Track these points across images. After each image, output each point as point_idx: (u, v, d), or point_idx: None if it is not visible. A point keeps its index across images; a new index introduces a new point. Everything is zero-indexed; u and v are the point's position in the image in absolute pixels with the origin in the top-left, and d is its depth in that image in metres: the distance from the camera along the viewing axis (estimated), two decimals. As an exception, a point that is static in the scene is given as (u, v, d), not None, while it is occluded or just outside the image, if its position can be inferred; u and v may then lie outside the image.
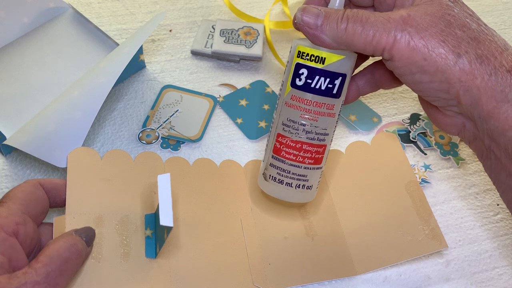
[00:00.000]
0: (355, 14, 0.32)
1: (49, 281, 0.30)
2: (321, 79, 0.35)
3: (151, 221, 0.38)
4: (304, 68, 0.35)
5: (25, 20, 0.50)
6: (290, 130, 0.37)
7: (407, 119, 0.51)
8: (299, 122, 0.36)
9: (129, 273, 0.36)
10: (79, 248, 0.33)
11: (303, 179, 0.38)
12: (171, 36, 0.56)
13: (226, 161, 0.45)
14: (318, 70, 0.35)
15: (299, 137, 0.36)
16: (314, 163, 0.37)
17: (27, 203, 0.35)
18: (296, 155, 0.37)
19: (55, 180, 0.38)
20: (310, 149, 0.37)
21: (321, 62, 0.34)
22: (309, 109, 0.36)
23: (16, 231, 0.32)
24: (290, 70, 0.36)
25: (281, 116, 0.37)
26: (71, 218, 0.37)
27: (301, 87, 0.35)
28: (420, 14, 0.31)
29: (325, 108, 0.36)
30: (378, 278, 0.40)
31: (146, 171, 0.41)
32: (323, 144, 0.37)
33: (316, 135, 0.36)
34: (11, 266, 0.31)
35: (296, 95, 0.36)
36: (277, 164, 0.38)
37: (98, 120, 0.48)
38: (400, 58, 0.31)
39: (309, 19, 0.33)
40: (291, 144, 0.37)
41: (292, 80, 0.36)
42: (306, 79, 0.35)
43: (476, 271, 0.41)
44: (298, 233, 0.42)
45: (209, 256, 0.39)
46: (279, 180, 0.38)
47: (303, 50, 0.35)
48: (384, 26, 0.31)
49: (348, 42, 0.32)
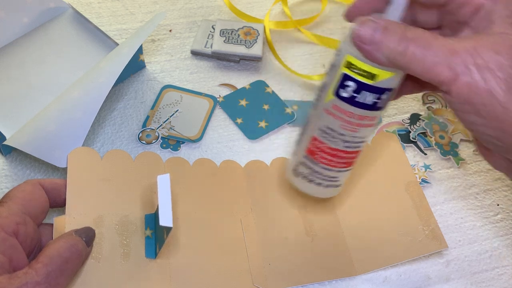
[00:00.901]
0: (417, 36, 0.29)
1: (50, 281, 0.30)
2: (369, 94, 0.33)
3: (151, 221, 0.38)
4: (352, 81, 0.33)
5: (25, 20, 0.50)
6: (327, 138, 0.35)
7: (407, 119, 0.51)
8: (339, 132, 0.35)
9: (129, 273, 0.36)
10: (79, 249, 0.33)
11: (334, 180, 0.37)
12: (171, 36, 0.56)
13: (226, 161, 0.45)
14: (367, 86, 0.33)
15: (336, 145, 0.35)
16: (346, 167, 0.37)
17: (27, 203, 0.35)
18: (330, 160, 0.36)
19: (55, 180, 0.38)
20: (345, 155, 0.36)
21: (371, 79, 0.32)
22: (351, 121, 0.34)
23: (17, 231, 0.32)
24: (335, 77, 0.34)
25: (319, 120, 0.36)
26: (71, 218, 0.37)
27: (346, 99, 0.33)
28: (488, 50, 0.28)
29: (367, 120, 0.34)
30: (378, 278, 0.40)
31: (146, 171, 0.41)
32: (358, 150, 0.36)
33: (353, 144, 0.36)
34: (12, 266, 0.31)
35: (338, 106, 0.34)
36: (309, 164, 0.37)
37: (98, 120, 0.48)
38: (457, 96, 0.29)
39: (365, 34, 0.30)
40: (327, 150, 0.36)
41: (337, 89, 0.34)
42: (352, 92, 0.33)
43: (476, 271, 0.41)
44: (298, 233, 0.42)
45: (209, 256, 0.39)
46: (310, 180, 0.38)
47: (353, 62, 0.32)
48: (447, 59, 0.28)
49: (404, 65, 0.30)
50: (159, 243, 0.37)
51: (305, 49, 0.56)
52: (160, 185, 0.35)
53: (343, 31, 0.58)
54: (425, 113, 0.51)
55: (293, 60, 0.55)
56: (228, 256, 0.39)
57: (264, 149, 0.47)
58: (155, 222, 0.38)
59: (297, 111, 0.50)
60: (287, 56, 0.55)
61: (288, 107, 0.50)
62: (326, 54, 0.56)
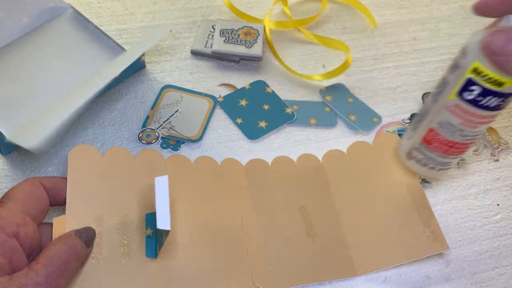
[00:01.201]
0: None
1: (50, 282, 0.30)
2: (494, 98, 0.34)
3: (151, 221, 0.38)
4: (478, 86, 0.33)
5: (24, 20, 0.50)
6: (445, 131, 0.37)
7: (407, 119, 0.51)
8: (458, 127, 0.37)
9: (129, 273, 0.36)
10: (78, 250, 0.33)
11: (447, 165, 0.41)
12: (171, 36, 0.56)
13: (227, 160, 0.45)
14: (493, 92, 0.33)
15: (454, 138, 0.37)
16: (459, 154, 0.39)
17: (27, 203, 0.34)
18: (446, 150, 0.39)
19: (55, 178, 0.38)
20: (462, 146, 0.38)
21: (498, 85, 0.33)
22: (472, 120, 0.36)
23: (17, 232, 0.32)
24: (459, 79, 0.34)
25: (438, 115, 0.37)
26: (71, 217, 0.37)
27: (469, 101, 0.35)
28: None
29: (488, 118, 0.36)
30: (378, 278, 0.40)
31: (147, 169, 0.41)
32: (473, 141, 0.38)
33: (471, 137, 0.37)
34: (12, 268, 0.31)
35: (461, 106, 0.35)
36: (424, 151, 0.40)
37: (98, 120, 0.48)
38: None
39: (496, 45, 0.30)
40: (444, 141, 0.38)
41: (460, 91, 0.35)
42: (477, 96, 0.34)
43: (476, 271, 0.41)
44: (298, 233, 0.42)
45: (210, 256, 0.39)
46: (424, 164, 0.41)
47: (480, 69, 0.33)
48: None
49: None
50: (159, 244, 0.37)
51: (305, 49, 0.56)
52: (157, 187, 0.35)
53: (343, 31, 0.58)
54: (425, 113, 0.51)
55: (293, 60, 0.55)
56: (228, 255, 0.39)
57: (264, 149, 0.47)
58: None
59: (297, 111, 0.50)
60: (287, 56, 0.55)
61: (288, 107, 0.50)
62: (326, 54, 0.56)
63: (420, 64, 0.56)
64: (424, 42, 0.58)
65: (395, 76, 0.54)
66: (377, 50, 0.57)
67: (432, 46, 0.58)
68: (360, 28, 0.59)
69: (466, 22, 0.61)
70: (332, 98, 0.52)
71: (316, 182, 0.45)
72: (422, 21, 0.60)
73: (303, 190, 0.44)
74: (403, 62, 0.56)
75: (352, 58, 0.55)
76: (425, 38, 0.59)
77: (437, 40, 0.59)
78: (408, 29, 0.59)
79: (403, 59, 0.56)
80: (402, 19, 0.61)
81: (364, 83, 0.54)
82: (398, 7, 0.62)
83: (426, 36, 0.59)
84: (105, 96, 0.50)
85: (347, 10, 0.61)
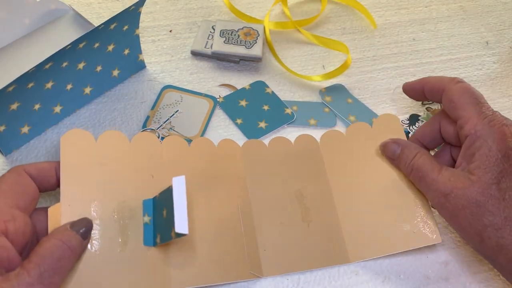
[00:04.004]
0: (418, 167, 0.40)
1: (43, 281, 0.30)
2: None
3: (149, 207, 0.37)
4: None
5: (26, 21, 0.50)
6: None
7: (407, 120, 0.51)
8: None
9: (127, 261, 0.35)
10: (72, 245, 0.32)
11: None
12: (171, 37, 0.56)
13: (224, 141, 0.45)
14: None
15: None
16: None
17: (13, 195, 0.33)
18: None
19: (40, 164, 0.36)
20: None
21: None
22: None
23: (5, 229, 0.31)
24: None
25: None
26: (66, 206, 0.35)
27: None
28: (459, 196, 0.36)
29: None
30: (378, 278, 0.41)
31: (143, 153, 0.40)
32: None
33: None
34: (3, 267, 0.30)
35: None
36: None
37: (98, 120, 0.48)
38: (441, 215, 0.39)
39: (390, 149, 0.43)
40: None
41: None
42: None
43: (475, 271, 0.42)
44: (294, 219, 0.41)
45: (207, 243, 0.38)
46: None
47: None
48: (432, 193, 0.38)
49: (413, 181, 0.41)
50: (162, 236, 0.35)
51: (305, 50, 0.56)
52: (175, 188, 0.33)
53: (343, 31, 0.59)
54: (424, 113, 0.51)
55: (292, 61, 0.55)
56: (226, 242, 0.39)
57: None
58: (154, 208, 0.37)
59: (297, 111, 0.50)
60: (287, 57, 0.55)
61: (287, 108, 0.50)
62: (325, 55, 0.56)
63: (420, 64, 0.56)
64: (424, 42, 0.58)
65: (394, 77, 0.55)
66: (377, 50, 0.57)
67: (432, 47, 0.58)
68: (359, 28, 0.59)
69: (465, 23, 0.61)
70: (331, 98, 0.52)
71: (313, 165, 0.44)
72: (421, 22, 0.61)
73: (300, 172, 0.44)
74: (403, 63, 0.56)
75: (352, 59, 0.55)
76: (425, 39, 0.59)
77: (436, 40, 0.59)
78: (407, 30, 0.60)
79: (402, 60, 0.56)
80: (402, 19, 0.61)
81: (363, 83, 0.54)
82: (397, 8, 0.62)
83: (425, 37, 0.59)
84: (105, 96, 0.50)
85: (347, 11, 0.61)
